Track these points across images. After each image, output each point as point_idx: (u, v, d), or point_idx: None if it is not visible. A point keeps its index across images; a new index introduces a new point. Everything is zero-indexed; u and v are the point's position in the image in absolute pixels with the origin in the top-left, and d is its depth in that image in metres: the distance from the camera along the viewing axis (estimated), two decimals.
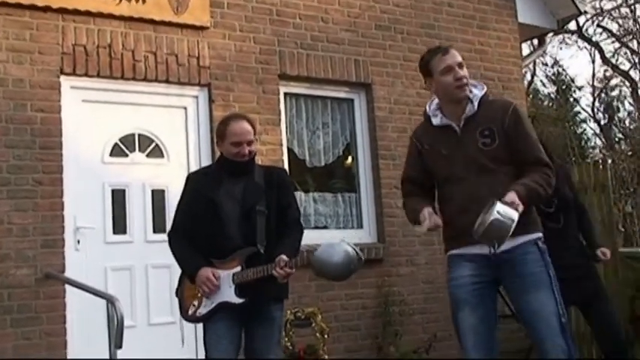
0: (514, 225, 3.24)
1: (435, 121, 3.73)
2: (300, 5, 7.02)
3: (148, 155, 6.29)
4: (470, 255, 3.58)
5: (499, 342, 3.64)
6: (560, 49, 26.53)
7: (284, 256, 3.85)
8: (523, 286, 3.52)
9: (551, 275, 3.51)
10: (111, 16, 6.06)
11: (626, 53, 19.00)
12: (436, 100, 3.77)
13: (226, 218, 4.00)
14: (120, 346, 4.65)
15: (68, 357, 5.53)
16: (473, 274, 3.58)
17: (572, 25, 17.15)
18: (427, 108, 3.79)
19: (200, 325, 4.16)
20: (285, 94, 6.98)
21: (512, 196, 3.32)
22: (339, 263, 3.81)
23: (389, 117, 7.36)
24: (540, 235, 3.61)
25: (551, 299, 3.47)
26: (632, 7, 18.14)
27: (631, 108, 17.64)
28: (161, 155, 6.33)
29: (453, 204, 3.60)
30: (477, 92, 3.68)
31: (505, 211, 3.23)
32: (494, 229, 3.22)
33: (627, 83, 18.20)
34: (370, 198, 7.26)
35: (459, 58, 3.64)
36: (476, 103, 3.65)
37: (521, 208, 3.31)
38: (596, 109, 21.57)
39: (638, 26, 18.30)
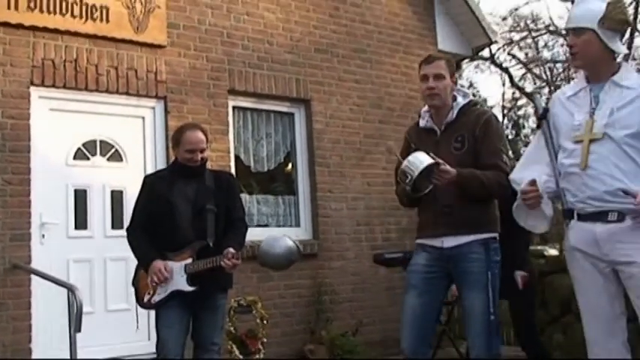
0: (421, 167, 3.24)
1: (422, 123, 3.70)
2: (248, 29, 7.02)
3: (108, 159, 6.21)
4: (426, 246, 3.58)
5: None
6: (475, 73, 27.02)
7: (231, 249, 3.89)
8: (462, 283, 3.50)
9: (490, 276, 3.43)
10: (77, 34, 5.97)
11: (530, 78, 19.49)
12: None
13: (180, 216, 4.01)
14: (79, 330, 4.60)
15: (32, 339, 5.44)
16: (426, 264, 3.56)
17: (487, 53, 17.51)
18: (422, 109, 3.75)
19: (153, 312, 4.15)
20: (234, 107, 6.97)
21: (441, 161, 3.31)
22: (280, 254, 3.87)
23: (325, 129, 7.42)
24: (493, 235, 3.52)
25: (483, 300, 3.40)
26: (535, 39, 18.66)
27: (534, 125, 18.09)
28: (120, 159, 6.26)
29: (422, 200, 3.57)
30: (461, 101, 3.63)
31: (417, 156, 3.30)
32: (403, 169, 3.29)
33: (532, 104, 18.63)
34: (307, 200, 7.30)
35: (439, 70, 3.55)
36: (455, 111, 3.59)
37: (447, 166, 3.30)
38: (504, 126, 22.05)
39: (540, 55, 18.81)
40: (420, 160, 3.28)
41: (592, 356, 3.10)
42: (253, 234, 5.76)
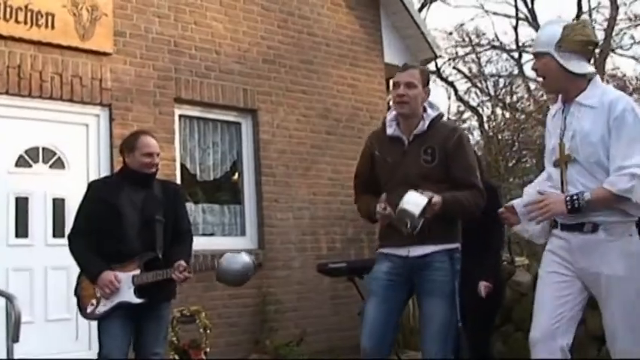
0: (419, 210, 3.24)
1: (389, 131, 3.63)
2: (196, 38, 7.01)
3: (50, 167, 6.11)
4: (390, 255, 3.57)
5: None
6: None
7: (183, 262, 3.89)
8: (425, 290, 3.50)
9: (455, 286, 3.46)
10: (22, 40, 5.87)
11: (474, 92, 19.86)
12: (395, 111, 3.68)
13: (127, 224, 3.96)
14: (16, 340, 4.51)
15: None
16: (389, 272, 3.55)
17: (433, 66, 17.79)
18: (387, 116, 3.70)
19: (94, 321, 4.08)
20: (180, 115, 6.94)
21: (430, 193, 3.31)
22: (238, 270, 3.91)
23: (271, 139, 7.44)
24: (457, 246, 3.56)
25: (445, 309, 3.43)
26: (479, 54, 19.10)
27: (478, 137, 18.49)
28: (63, 167, 6.16)
29: None
30: (431, 113, 3.60)
31: (412, 198, 3.27)
32: (400, 216, 3.28)
33: (476, 117, 19.00)
34: (253, 210, 7.29)
35: (411, 79, 3.54)
36: (427, 122, 3.56)
37: (436, 199, 3.31)
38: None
39: (483, 70, 19.26)
40: (416, 203, 3.27)
41: (534, 355, 3.17)
42: (199, 243, 5.76)
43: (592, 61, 3.37)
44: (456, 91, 19.56)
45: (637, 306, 3.06)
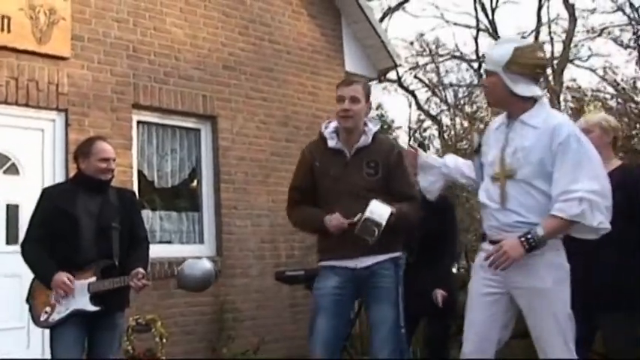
0: (385, 219, 3.36)
1: (331, 143, 3.73)
2: (155, 44, 6.99)
3: (4, 172, 6.02)
4: (337, 268, 3.64)
5: None
6: (383, 94, 27.56)
7: (141, 270, 3.88)
8: (373, 297, 3.62)
9: (399, 291, 3.59)
10: None
11: (434, 101, 20.08)
12: (333, 124, 3.77)
13: (83, 232, 3.91)
14: None
15: None
16: (336, 286, 3.63)
17: (393, 75, 17.93)
18: (322, 128, 3.78)
19: (47, 330, 4.04)
20: (138, 121, 6.90)
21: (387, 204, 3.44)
22: (199, 276, 3.93)
23: (231, 146, 7.44)
24: (400, 254, 3.69)
25: (394, 312, 3.55)
26: (438, 64, 19.32)
27: (438, 146, 18.67)
28: (17, 173, 6.08)
29: None
30: (372, 127, 3.73)
31: (377, 209, 3.38)
32: (366, 226, 3.37)
33: (436, 126, 19.18)
34: (211, 217, 7.28)
35: (356, 93, 3.65)
36: (370, 136, 3.69)
37: (394, 210, 3.44)
38: (410, 146, 22.43)
39: (442, 79, 19.50)
40: (382, 212, 3.39)
41: None
42: (155, 251, 5.70)
43: (541, 80, 3.42)
44: (416, 100, 19.75)
45: (566, 318, 3.13)
